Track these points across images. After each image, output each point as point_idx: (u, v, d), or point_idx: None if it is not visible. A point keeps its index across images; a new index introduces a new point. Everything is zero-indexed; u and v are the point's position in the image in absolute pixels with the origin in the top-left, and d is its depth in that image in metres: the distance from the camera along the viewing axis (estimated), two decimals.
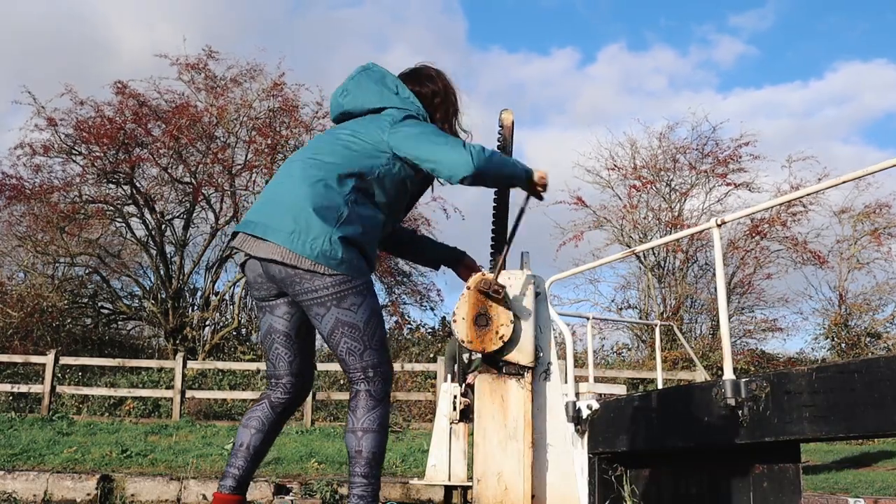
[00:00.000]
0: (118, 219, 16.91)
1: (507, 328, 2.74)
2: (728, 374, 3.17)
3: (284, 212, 2.21)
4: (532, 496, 2.73)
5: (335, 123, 2.57)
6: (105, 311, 17.78)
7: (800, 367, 3.06)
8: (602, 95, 39.54)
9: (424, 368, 13.04)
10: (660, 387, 6.54)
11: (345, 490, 6.13)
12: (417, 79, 2.58)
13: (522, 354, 2.79)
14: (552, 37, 44.27)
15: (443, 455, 6.69)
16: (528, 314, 2.79)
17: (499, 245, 2.81)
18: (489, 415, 2.80)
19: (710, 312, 16.36)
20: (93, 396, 12.84)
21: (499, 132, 2.81)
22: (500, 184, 2.55)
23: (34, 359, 12.42)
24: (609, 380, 12.58)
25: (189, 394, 12.19)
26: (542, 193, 2.57)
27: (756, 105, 36.02)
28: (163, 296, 16.70)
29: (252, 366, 13.15)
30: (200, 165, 16.47)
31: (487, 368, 2.85)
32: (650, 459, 4.07)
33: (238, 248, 2.31)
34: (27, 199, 15.63)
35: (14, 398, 12.73)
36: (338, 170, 2.27)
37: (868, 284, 16.44)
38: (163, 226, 16.98)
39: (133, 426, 10.41)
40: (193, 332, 16.36)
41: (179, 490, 6.09)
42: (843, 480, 7.53)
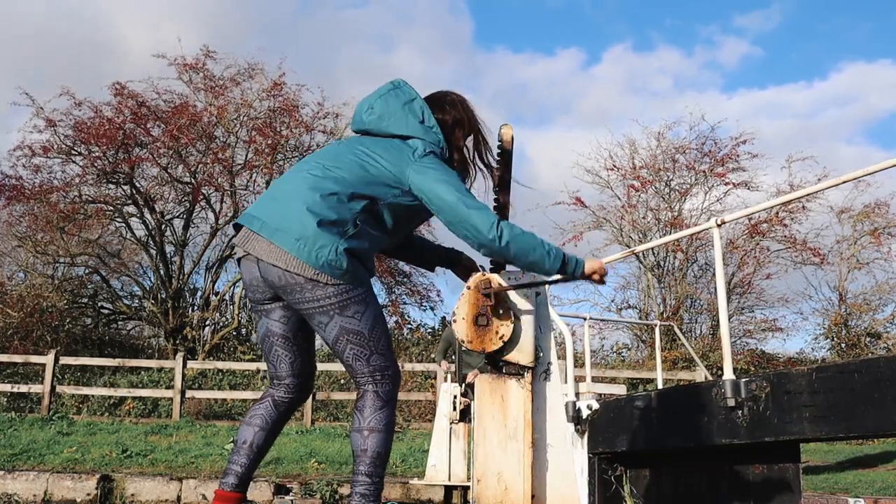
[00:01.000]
0: (118, 219, 16.90)
1: (507, 328, 2.74)
2: (728, 374, 3.18)
3: (292, 216, 2.18)
4: (532, 496, 2.73)
5: (355, 133, 2.52)
6: (105, 311, 17.77)
7: (800, 367, 3.07)
8: (606, 96, 39.53)
9: (424, 368, 13.04)
10: (660, 387, 6.54)
11: (345, 490, 6.13)
12: (440, 105, 2.50)
13: (522, 354, 2.79)
14: (557, 37, 44.26)
15: (443, 455, 6.70)
16: (528, 314, 2.79)
17: None
18: (489, 415, 2.80)
19: (710, 312, 16.36)
20: (93, 396, 12.84)
21: (498, 146, 2.78)
22: (524, 267, 2.43)
23: (34, 359, 12.41)
24: (609, 380, 12.58)
25: (189, 394, 12.18)
26: (600, 280, 2.48)
27: (760, 105, 36.05)
28: (163, 296, 16.69)
29: (252, 366, 13.15)
30: (200, 165, 16.46)
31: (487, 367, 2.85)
32: (650, 459, 4.07)
33: (239, 245, 2.29)
34: (27, 200, 15.61)
35: (14, 398, 12.72)
36: (351, 188, 2.24)
37: (868, 284, 16.46)
38: (163, 226, 16.97)
39: (133, 426, 10.40)
40: (193, 332, 16.35)
41: (179, 490, 6.09)
42: (843, 480, 7.53)
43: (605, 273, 2.49)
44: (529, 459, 2.75)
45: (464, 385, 6.76)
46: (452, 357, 9.00)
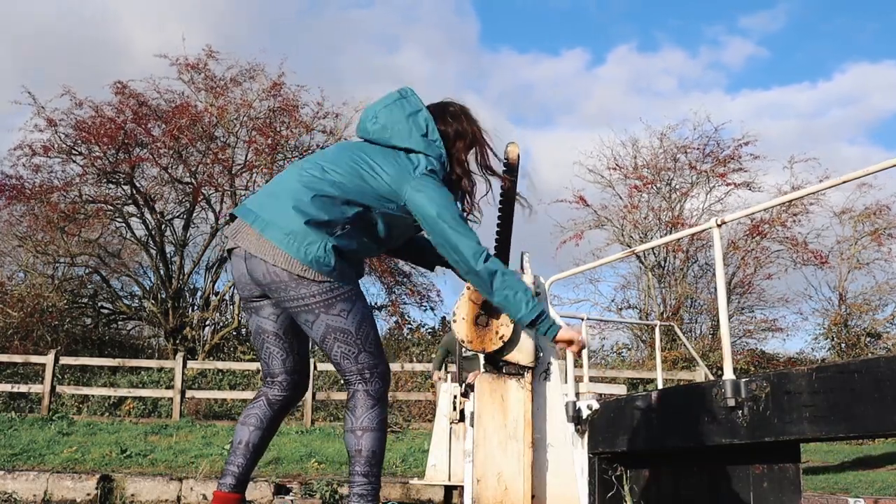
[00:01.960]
0: (118, 219, 16.91)
1: (507, 328, 2.74)
2: (728, 374, 3.18)
3: (285, 212, 2.20)
4: (532, 496, 2.73)
5: (359, 138, 2.51)
6: (105, 311, 17.77)
7: (800, 368, 3.06)
8: (611, 96, 39.54)
9: (424, 368, 13.02)
10: (660, 387, 6.54)
11: (345, 490, 6.13)
12: (441, 116, 2.47)
13: (522, 354, 2.79)
14: (562, 38, 44.32)
15: (443, 455, 6.69)
16: None
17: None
18: (489, 415, 2.80)
19: (710, 312, 16.35)
20: (93, 396, 12.83)
21: (504, 163, 2.74)
22: (499, 304, 2.37)
23: (34, 359, 12.42)
24: (609, 380, 12.58)
25: (189, 394, 12.19)
26: (577, 352, 2.47)
27: (764, 106, 36.08)
28: (163, 296, 16.69)
29: (252, 366, 13.15)
30: (200, 165, 16.46)
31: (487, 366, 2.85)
32: (650, 459, 4.07)
33: (230, 237, 2.30)
34: (27, 199, 15.61)
35: (14, 398, 12.72)
36: (347, 194, 2.25)
37: (868, 284, 16.46)
38: (163, 226, 16.98)
39: (133, 426, 10.40)
40: (193, 332, 16.36)
41: (179, 490, 6.09)
42: (843, 480, 7.52)
43: (583, 346, 2.46)
44: (529, 459, 2.75)
45: (464, 385, 6.75)
46: (449, 366, 9.00)
